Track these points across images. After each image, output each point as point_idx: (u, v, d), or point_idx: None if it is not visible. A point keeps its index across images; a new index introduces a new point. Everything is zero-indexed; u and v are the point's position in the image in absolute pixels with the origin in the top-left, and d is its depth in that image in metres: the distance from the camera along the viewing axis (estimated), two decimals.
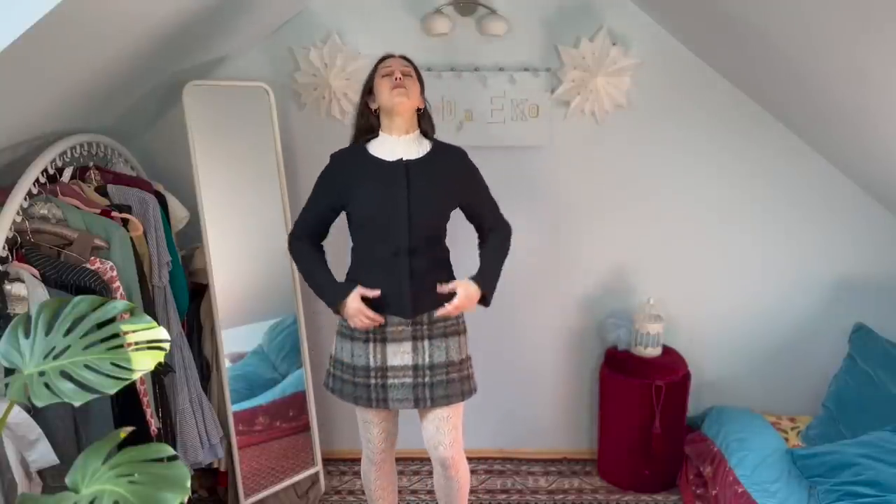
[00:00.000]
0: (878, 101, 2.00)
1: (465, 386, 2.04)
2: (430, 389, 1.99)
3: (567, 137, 2.74)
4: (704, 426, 2.82)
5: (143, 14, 1.67)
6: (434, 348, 1.98)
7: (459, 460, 2.12)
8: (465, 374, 2.04)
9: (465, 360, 2.06)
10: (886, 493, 2.00)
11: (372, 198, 1.94)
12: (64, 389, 1.10)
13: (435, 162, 1.99)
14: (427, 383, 1.99)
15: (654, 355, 2.77)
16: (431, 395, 1.99)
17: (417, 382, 1.99)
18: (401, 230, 1.92)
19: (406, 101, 1.92)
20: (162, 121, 2.71)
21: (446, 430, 2.04)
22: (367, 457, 2.20)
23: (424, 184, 1.94)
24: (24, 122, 1.79)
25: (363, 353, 1.99)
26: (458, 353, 2.03)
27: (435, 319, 1.99)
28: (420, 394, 1.99)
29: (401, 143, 1.98)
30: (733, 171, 2.77)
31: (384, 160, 1.96)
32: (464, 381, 2.03)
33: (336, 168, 2.03)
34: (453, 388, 2.00)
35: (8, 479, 1.52)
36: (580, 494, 2.83)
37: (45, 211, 1.85)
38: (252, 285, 2.58)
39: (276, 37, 2.65)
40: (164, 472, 1.12)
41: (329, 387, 2.10)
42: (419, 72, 2.02)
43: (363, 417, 2.10)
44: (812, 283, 2.87)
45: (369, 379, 1.99)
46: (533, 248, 2.85)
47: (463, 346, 2.05)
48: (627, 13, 2.62)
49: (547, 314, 2.94)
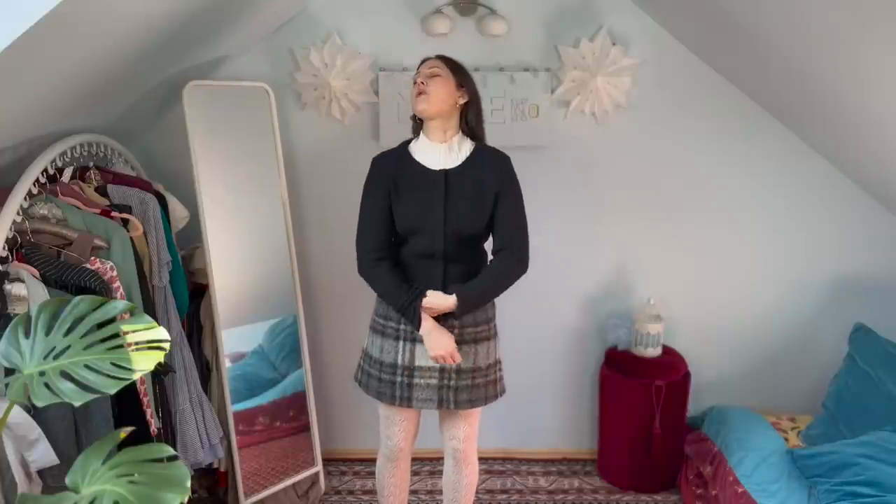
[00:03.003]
0: (878, 101, 2.01)
1: (491, 391, 2.06)
2: (454, 392, 2.00)
3: (567, 137, 2.74)
4: (704, 426, 2.82)
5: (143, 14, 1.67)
6: (462, 353, 1.98)
7: (471, 454, 2.16)
8: (491, 378, 2.06)
9: (493, 365, 2.07)
10: (886, 493, 2.00)
11: (412, 205, 1.96)
12: (64, 389, 1.10)
13: (473, 168, 1.97)
14: (452, 386, 2.00)
15: (654, 355, 2.77)
16: (455, 399, 2.01)
17: (443, 385, 2.00)
18: (437, 237, 1.95)
19: (427, 108, 1.93)
20: (162, 121, 2.71)
21: (462, 426, 2.11)
22: (384, 454, 2.21)
23: (461, 192, 1.95)
24: (25, 122, 1.79)
25: (392, 350, 2.02)
26: (486, 357, 2.04)
27: (465, 324, 1.99)
28: (444, 395, 2.01)
29: (441, 150, 1.98)
30: (733, 171, 2.77)
31: (425, 167, 1.98)
32: (489, 386, 2.05)
33: (380, 172, 2.03)
34: (477, 392, 2.02)
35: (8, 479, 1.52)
36: (580, 494, 2.83)
37: (45, 211, 1.85)
38: (252, 285, 2.58)
39: (276, 37, 2.65)
40: (164, 472, 1.12)
41: (357, 379, 2.15)
42: (458, 66, 1.97)
43: (385, 414, 2.13)
44: (812, 283, 2.87)
45: (395, 376, 2.01)
46: (533, 249, 2.83)
47: (492, 350, 2.06)
48: (627, 13, 2.62)
49: (547, 314, 2.94)
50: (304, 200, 2.81)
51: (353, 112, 2.70)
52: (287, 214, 2.59)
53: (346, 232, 2.81)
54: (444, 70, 1.95)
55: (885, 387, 2.41)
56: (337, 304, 2.91)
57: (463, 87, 1.96)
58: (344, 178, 2.79)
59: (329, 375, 2.98)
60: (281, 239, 2.60)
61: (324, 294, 2.91)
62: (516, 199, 2.00)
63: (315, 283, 2.89)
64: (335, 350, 2.97)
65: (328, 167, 2.79)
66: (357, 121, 2.73)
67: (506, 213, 1.98)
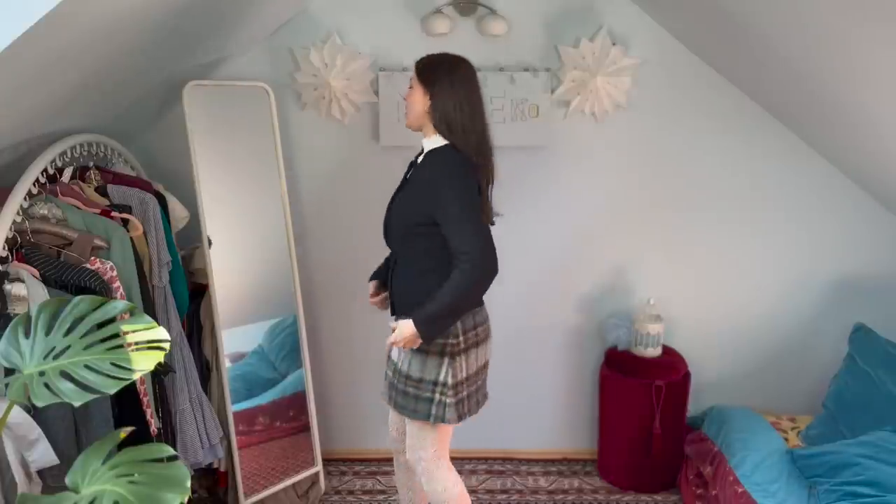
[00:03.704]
0: (876, 102, 2.01)
1: (421, 407, 1.97)
2: (395, 393, 2.05)
3: (567, 137, 2.74)
4: (704, 426, 2.82)
5: (143, 14, 1.67)
6: (405, 355, 2.00)
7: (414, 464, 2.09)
8: (424, 395, 1.97)
9: (425, 382, 1.96)
10: (886, 493, 2.00)
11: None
12: (64, 389, 1.10)
13: (423, 167, 1.97)
14: (395, 385, 2.04)
15: (654, 355, 2.77)
16: (395, 399, 2.05)
17: (392, 382, 2.06)
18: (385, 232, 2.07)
19: (407, 123, 2.02)
20: (162, 121, 2.71)
21: (407, 435, 2.10)
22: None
23: (408, 188, 2.00)
24: (24, 122, 1.79)
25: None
26: (420, 371, 1.97)
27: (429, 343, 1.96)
28: (391, 392, 2.07)
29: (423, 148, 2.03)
30: (733, 171, 2.77)
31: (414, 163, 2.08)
32: (420, 402, 1.97)
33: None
34: (406, 400, 2.01)
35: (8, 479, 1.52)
36: (580, 494, 2.83)
37: (45, 211, 1.85)
38: (252, 285, 2.58)
39: (276, 37, 2.65)
40: (164, 472, 1.12)
41: None
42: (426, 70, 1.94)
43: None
44: (812, 283, 2.87)
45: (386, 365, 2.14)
46: (533, 249, 2.86)
47: (429, 367, 1.95)
48: (627, 13, 2.62)
49: (547, 314, 2.94)
50: (304, 200, 2.81)
51: (353, 112, 2.70)
52: (287, 214, 2.59)
53: (346, 231, 2.84)
54: (415, 80, 1.96)
55: (885, 387, 2.40)
56: (337, 304, 2.91)
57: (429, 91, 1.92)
58: (344, 177, 2.80)
59: (329, 375, 2.98)
60: (281, 239, 2.60)
61: (324, 294, 2.91)
62: (449, 202, 1.84)
63: (315, 282, 2.89)
64: (335, 350, 2.97)
65: (328, 167, 2.79)
66: (357, 121, 2.73)
67: (440, 216, 1.86)
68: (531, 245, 2.84)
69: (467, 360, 1.99)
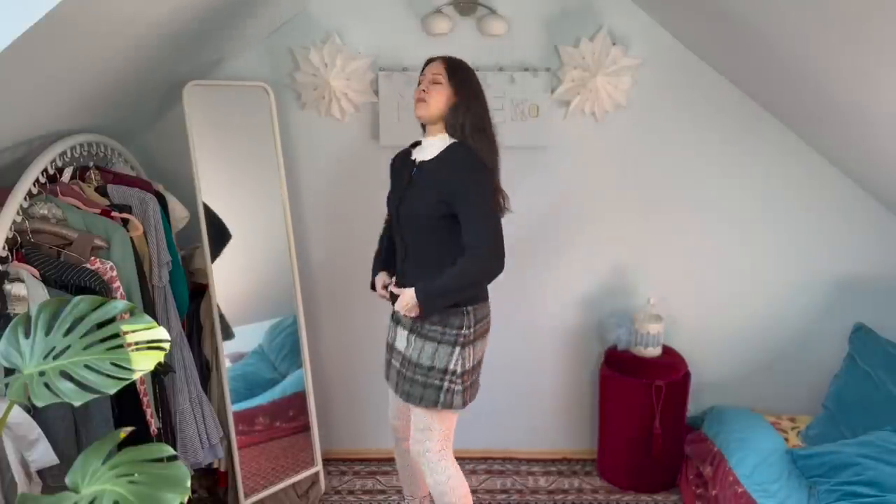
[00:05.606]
0: (878, 101, 2.00)
1: (430, 395, 2.01)
2: (403, 381, 2.07)
3: (567, 137, 2.74)
4: (704, 426, 2.82)
5: (143, 14, 1.67)
6: (416, 345, 2.03)
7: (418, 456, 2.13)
8: (432, 383, 2.01)
9: (439, 371, 2.00)
10: (886, 493, 2.00)
11: (391, 191, 2.15)
12: (64, 389, 1.10)
13: (440, 162, 1.99)
14: (403, 374, 2.07)
15: (654, 355, 2.77)
16: (402, 387, 2.07)
17: (400, 370, 2.09)
18: (395, 220, 2.09)
19: (424, 115, 2.01)
20: (162, 121, 2.71)
21: (412, 427, 2.14)
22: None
23: (422, 182, 2.00)
24: (25, 122, 1.79)
25: (390, 331, 2.19)
26: (431, 359, 2.00)
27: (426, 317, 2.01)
28: (398, 381, 2.09)
29: (427, 145, 2.06)
30: (733, 171, 2.77)
31: (412, 160, 2.09)
32: (428, 389, 2.01)
33: (391, 166, 2.21)
34: (414, 388, 2.03)
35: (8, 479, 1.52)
36: (580, 494, 2.83)
37: (45, 211, 1.85)
38: (252, 285, 2.58)
39: (276, 37, 2.65)
40: (164, 472, 1.12)
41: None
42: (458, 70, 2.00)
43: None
44: (812, 283, 2.87)
45: (387, 354, 2.19)
46: (533, 248, 2.86)
47: (440, 355, 2.00)
48: (627, 13, 2.62)
49: (547, 314, 2.94)
50: (304, 200, 2.81)
51: (353, 112, 2.70)
52: (287, 214, 2.59)
53: (346, 231, 2.84)
54: (444, 77, 1.99)
55: (885, 387, 2.41)
56: (337, 304, 2.92)
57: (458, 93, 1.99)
58: (344, 177, 2.80)
59: (329, 375, 2.98)
60: (281, 239, 2.60)
61: (324, 294, 2.91)
62: (470, 196, 1.93)
63: (315, 282, 2.89)
64: (335, 350, 2.97)
65: (328, 167, 2.79)
66: (357, 121, 2.73)
67: (460, 209, 1.93)
68: (531, 245, 2.84)
69: (474, 350, 2.06)
